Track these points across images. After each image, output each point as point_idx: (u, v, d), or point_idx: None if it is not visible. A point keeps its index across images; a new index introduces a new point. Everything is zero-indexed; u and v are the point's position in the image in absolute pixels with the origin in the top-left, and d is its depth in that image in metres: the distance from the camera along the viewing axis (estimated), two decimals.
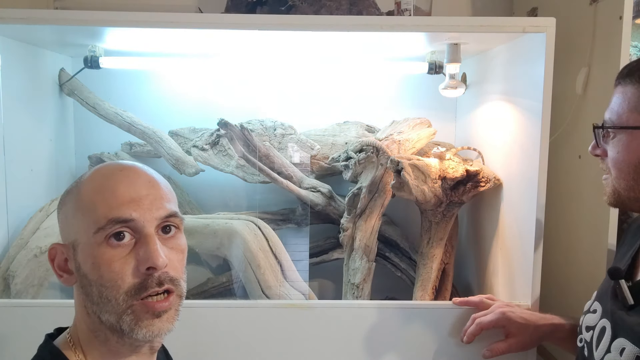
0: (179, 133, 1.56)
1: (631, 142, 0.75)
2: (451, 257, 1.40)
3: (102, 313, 0.63)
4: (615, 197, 0.79)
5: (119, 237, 0.63)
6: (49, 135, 1.48)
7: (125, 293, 0.62)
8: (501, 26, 1.14)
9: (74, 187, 0.67)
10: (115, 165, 0.69)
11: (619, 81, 0.78)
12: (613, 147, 0.77)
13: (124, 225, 0.63)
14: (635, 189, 0.76)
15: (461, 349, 1.13)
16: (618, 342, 0.77)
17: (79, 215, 0.64)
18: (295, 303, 1.18)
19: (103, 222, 0.62)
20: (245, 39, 1.26)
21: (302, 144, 1.49)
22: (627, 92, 0.75)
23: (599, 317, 0.84)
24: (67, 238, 0.66)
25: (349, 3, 1.34)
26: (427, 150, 1.48)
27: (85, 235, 0.63)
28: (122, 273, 0.62)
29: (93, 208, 0.63)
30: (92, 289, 0.63)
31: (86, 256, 0.63)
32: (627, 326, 0.76)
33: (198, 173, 1.46)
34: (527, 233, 1.16)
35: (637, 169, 0.74)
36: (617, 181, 0.78)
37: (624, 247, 0.91)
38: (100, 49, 1.40)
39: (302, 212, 1.49)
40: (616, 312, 0.80)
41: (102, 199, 0.63)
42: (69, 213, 0.66)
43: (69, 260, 0.66)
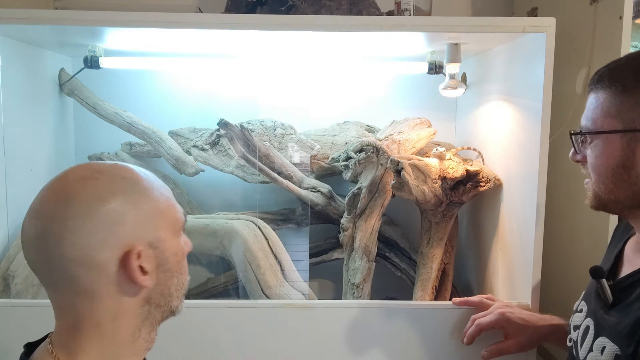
0: (179, 133, 1.56)
1: (607, 146, 0.76)
2: (451, 257, 1.40)
3: (173, 301, 0.69)
4: (596, 201, 0.81)
5: None
6: (49, 135, 1.48)
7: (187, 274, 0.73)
8: (501, 26, 1.14)
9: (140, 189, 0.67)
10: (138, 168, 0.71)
11: (591, 87, 0.79)
12: (591, 152, 0.79)
13: None
14: (615, 192, 0.77)
15: (461, 349, 1.13)
16: (599, 341, 0.78)
17: (163, 214, 0.68)
18: (295, 303, 1.18)
19: (183, 218, 0.71)
20: (245, 39, 1.26)
21: (302, 144, 1.49)
22: (599, 98, 0.77)
23: (584, 317, 0.85)
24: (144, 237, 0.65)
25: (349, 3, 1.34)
26: (427, 150, 1.48)
27: (170, 231, 0.68)
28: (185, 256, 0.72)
29: (173, 206, 0.70)
30: (172, 281, 0.69)
31: (175, 249, 0.69)
32: (608, 325, 0.78)
33: (198, 173, 1.46)
34: (527, 233, 1.16)
35: (615, 173, 0.76)
36: (597, 185, 0.79)
37: (610, 248, 0.92)
38: (100, 49, 1.40)
39: (302, 212, 1.49)
40: (598, 311, 0.82)
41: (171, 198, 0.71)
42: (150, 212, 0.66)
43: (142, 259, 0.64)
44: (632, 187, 0.75)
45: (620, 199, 0.77)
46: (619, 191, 0.77)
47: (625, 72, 0.75)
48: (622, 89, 0.74)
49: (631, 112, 0.73)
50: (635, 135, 0.73)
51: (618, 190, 0.77)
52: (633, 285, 0.77)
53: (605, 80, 0.76)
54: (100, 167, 0.67)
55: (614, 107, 0.75)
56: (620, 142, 0.75)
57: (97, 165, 0.67)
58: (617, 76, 0.76)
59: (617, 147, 0.75)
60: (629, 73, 0.75)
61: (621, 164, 0.75)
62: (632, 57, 0.77)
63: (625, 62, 0.77)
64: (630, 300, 0.76)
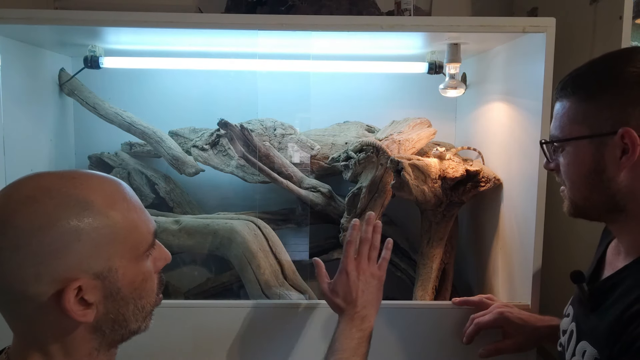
0: (179, 133, 1.56)
1: (578, 153, 0.77)
2: (451, 257, 1.40)
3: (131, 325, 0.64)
4: (574, 208, 0.81)
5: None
6: (49, 135, 1.48)
7: (156, 294, 0.67)
8: (501, 26, 1.14)
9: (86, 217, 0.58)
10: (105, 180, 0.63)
11: (557, 96, 0.80)
12: (563, 160, 0.79)
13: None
14: (591, 199, 0.78)
15: (461, 349, 1.13)
16: (581, 345, 0.78)
17: (118, 239, 0.60)
18: (295, 303, 1.18)
19: (150, 238, 0.64)
20: (245, 39, 1.26)
21: (302, 144, 1.49)
22: (564, 106, 0.78)
23: (570, 321, 0.86)
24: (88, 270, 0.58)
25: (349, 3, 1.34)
26: (427, 150, 1.48)
27: (127, 257, 0.61)
28: (154, 277, 0.66)
29: (135, 227, 0.62)
30: (127, 308, 0.62)
31: (134, 275, 0.62)
32: (588, 329, 0.78)
33: (198, 173, 1.46)
34: (527, 233, 1.16)
35: (589, 179, 0.76)
36: (572, 192, 0.80)
37: (596, 252, 0.93)
38: (100, 49, 1.40)
39: (302, 212, 1.49)
40: (580, 315, 0.82)
41: (137, 216, 0.63)
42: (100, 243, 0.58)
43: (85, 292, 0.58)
44: (605, 192, 0.75)
45: (596, 204, 0.78)
46: (594, 197, 0.77)
47: (587, 79, 0.76)
48: (586, 96, 0.75)
49: (597, 117, 0.74)
50: (602, 139, 0.73)
51: (593, 196, 0.77)
52: (612, 288, 0.77)
53: (569, 88, 0.77)
54: (49, 186, 0.58)
55: (580, 113, 0.76)
56: (590, 147, 0.75)
57: (49, 181, 0.59)
58: (579, 83, 0.76)
59: (587, 153, 0.75)
60: (591, 79, 0.75)
61: (593, 169, 0.75)
62: (593, 63, 0.77)
63: (587, 68, 0.77)
64: (609, 304, 0.75)
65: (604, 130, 0.73)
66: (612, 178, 0.74)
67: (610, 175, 0.74)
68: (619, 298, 0.74)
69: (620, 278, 0.76)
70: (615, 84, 0.73)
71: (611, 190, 0.75)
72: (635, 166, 0.72)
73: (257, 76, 1.59)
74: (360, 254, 0.99)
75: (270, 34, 1.17)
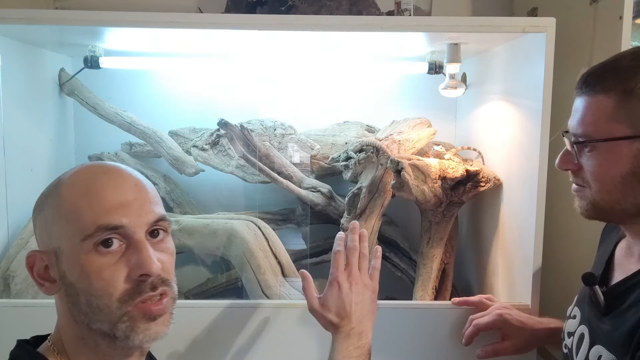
0: (179, 133, 1.56)
1: (613, 153, 0.72)
2: (451, 257, 1.40)
3: (93, 322, 0.61)
4: (594, 210, 0.77)
5: (107, 244, 0.60)
6: (49, 135, 1.48)
7: (118, 300, 0.60)
8: (501, 26, 1.14)
9: (53, 190, 0.64)
10: (97, 167, 0.66)
11: (585, 90, 0.74)
12: (592, 160, 0.74)
13: (114, 232, 0.60)
14: (622, 202, 0.73)
15: (461, 349, 1.13)
16: (595, 349, 0.76)
17: (61, 221, 0.61)
18: (295, 303, 1.18)
19: (91, 230, 0.60)
20: (245, 39, 1.26)
21: (302, 144, 1.49)
22: (600, 103, 0.72)
23: (578, 323, 0.84)
24: (48, 245, 0.63)
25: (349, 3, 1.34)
26: (427, 150, 1.48)
27: (69, 243, 0.60)
28: (114, 280, 0.60)
29: (78, 214, 0.60)
30: (79, 298, 0.61)
31: (72, 264, 0.60)
32: (603, 333, 0.76)
33: (198, 173, 1.46)
34: (527, 233, 1.16)
35: (624, 181, 0.72)
36: (598, 194, 0.75)
37: (600, 253, 0.90)
38: (100, 49, 1.40)
39: (302, 212, 1.49)
40: (592, 318, 0.79)
41: (87, 204, 0.60)
42: (49, 218, 0.62)
43: (50, 267, 0.63)
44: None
45: (626, 207, 0.73)
46: (626, 200, 0.73)
47: (630, 73, 0.70)
48: (630, 92, 0.69)
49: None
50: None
51: (626, 199, 0.73)
52: (626, 291, 0.75)
53: (607, 82, 0.71)
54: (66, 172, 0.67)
55: (621, 111, 0.70)
56: (630, 148, 0.70)
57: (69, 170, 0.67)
58: (621, 79, 0.71)
59: (626, 154, 0.70)
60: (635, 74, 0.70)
61: (631, 172, 0.71)
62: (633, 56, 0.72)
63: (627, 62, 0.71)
64: (624, 308, 0.74)
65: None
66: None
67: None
68: (635, 302, 0.72)
69: (635, 281, 0.74)
70: None
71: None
72: None
73: (258, 76, 1.59)
74: (350, 263, 0.91)
75: (270, 34, 1.17)
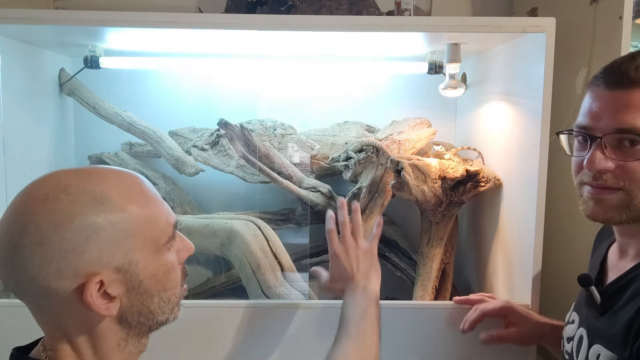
0: (179, 133, 1.56)
1: None
2: (451, 257, 1.40)
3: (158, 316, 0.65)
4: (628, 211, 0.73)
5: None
6: (49, 135, 1.48)
7: (179, 285, 0.67)
8: (501, 26, 1.14)
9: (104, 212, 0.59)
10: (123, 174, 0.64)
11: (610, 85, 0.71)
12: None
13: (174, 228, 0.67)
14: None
15: (461, 349, 1.13)
16: (594, 349, 0.76)
17: (137, 233, 0.61)
18: (295, 303, 1.18)
19: (170, 230, 0.65)
20: (245, 39, 1.26)
21: (302, 144, 1.49)
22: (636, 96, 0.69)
23: (577, 327, 0.84)
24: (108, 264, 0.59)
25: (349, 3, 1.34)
26: (427, 150, 1.48)
27: (145, 251, 0.62)
28: (176, 268, 0.67)
29: (155, 219, 0.63)
30: (152, 300, 0.63)
31: (154, 269, 0.63)
32: (601, 332, 0.76)
33: (198, 173, 1.46)
34: (527, 233, 1.16)
35: None
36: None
37: (595, 256, 0.92)
38: (100, 49, 1.40)
39: (302, 212, 1.49)
40: (590, 319, 0.80)
41: (155, 209, 0.64)
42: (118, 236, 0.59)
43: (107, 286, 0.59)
44: None
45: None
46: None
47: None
48: None
49: None
50: None
51: None
52: (620, 290, 0.76)
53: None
54: (67, 183, 0.59)
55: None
56: None
57: (66, 178, 0.60)
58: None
59: None
60: None
61: None
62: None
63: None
64: (619, 305, 0.75)
65: None
66: None
67: None
68: (631, 298, 0.72)
69: (629, 279, 0.75)
70: None
71: None
72: None
73: (257, 76, 1.59)
74: (344, 235, 0.97)
75: (270, 34, 1.17)
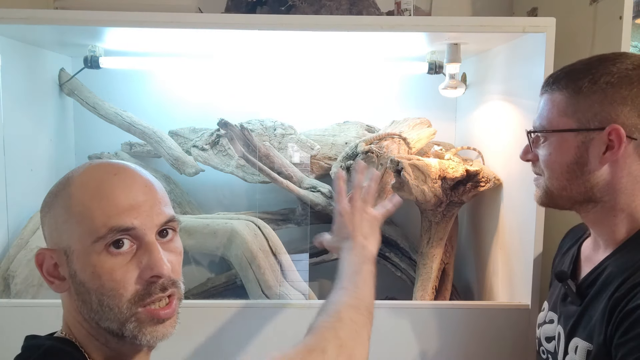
0: (179, 133, 1.56)
1: (562, 144, 0.80)
2: (451, 257, 1.40)
3: (102, 321, 0.62)
4: (547, 197, 0.85)
5: (118, 245, 0.61)
6: (49, 135, 1.48)
7: (128, 301, 0.61)
8: (501, 26, 1.14)
9: (62, 190, 0.64)
10: (108, 166, 0.66)
11: (546, 89, 0.83)
12: (544, 149, 0.83)
13: (125, 233, 0.61)
14: (568, 189, 0.81)
15: (460, 349, 1.14)
16: (573, 342, 0.80)
17: (72, 222, 0.62)
18: (295, 303, 1.18)
19: (103, 231, 0.60)
20: (245, 39, 1.26)
21: (302, 144, 1.49)
22: (554, 99, 0.81)
23: (556, 325, 0.88)
24: (58, 243, 0.63)
25: (349, 3, 1.34)
26: (427, 150, 1.48)
27: (80, 243, 0.61)
28: (125, 281, 0.61)
29: (89, 215, 0.61)
30: (90, 297, 0.62)
31: (84, 265, 0.61)
32: (577, 325, 0.80)
33: (198, 173, 1.46)
34: (527, 233, 1.16)
35: (569, 169, 0.80)
36: (550, 181, 0.83)
37: (564, 252, 0.96)
38: (100, 49, 1.40)
39: (302, 212, 1.49)
40: (567, 314, 0.84)
41: (98, 206, 0.61)
42: (59, 218, 0.63)
43: (59, 265, 0.64)
44: (584, 184, 0.79)
45: (572, 194, 0.81)
46: (572, 187, 0.81)
47: (581, 75, 0.79)
48: (578, 90, 0.78)
49: (586, 112, 0.77)
50: (589, 134, 0.77)
51: (571, 186, 0.81)
52: (594, 281, 0.80)
53: (562, 81, 0.80)
54: (74, 169, 0.67)
55: (570, 107, 0.79)
56: (575, 140, 0.79)
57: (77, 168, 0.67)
58: (573, 78, 0.79)
59: (571, 145, 0.79)
60: (586, 76, 0.78)
61: (575, 161, 0.79)
62: (589, 61, 0.80)
63: (582, 65, 0.80)
64: (593, 295, 0.79)
65: (591, 125, 0.77)
66: (592, 171, 0.78)
67: (591, 168, 0.78)
68: (603, 288, 0.77)
69: (601, 270, 0.80)
70: (609, 82, 0.76)
71: (590, 182, 0.79)
72: (616, 162, 0.77)
73: (257, 76, 1.59)
74: (354, 197, 0.94)
75: (270, 34, 1.17)
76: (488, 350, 1.17)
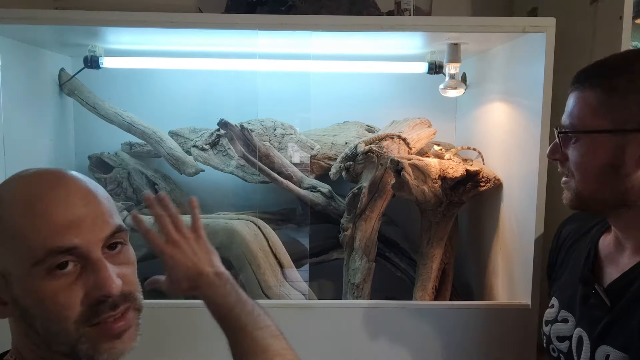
0: (179, 133, 1.56)
1: (594, 145, 0.76)
2: (451, 257, 1.40)
3: (53, 344, 0.57)
4: (577, 200, 0.80)
5: (61, 267, 0.55)
6: (49, 135, 1.48)
7: (74, 322, 0.56)
8: (501, 26, 1.14)
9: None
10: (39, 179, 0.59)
11: (576, 86, 0.78)
12: (575, 151, 0.78)
13: (66, 254, 0.55)
14: (601, 192, 0.77)
15: (460, 349, 1.13)
16: (601, 349, 0.76)
17: (6, 245, 0.55)
18: (295, 303, 1.18)
19: (41, 254, 0.54)
20: (245, 39, 1.26)
21: (302, 144, 1.49)
22: (587, 98, 0.76)
23: (573, 327, 0.83)
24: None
25: (349, 3, 1.34)
26: (427, 150, 1.48)
27: (18, 268, 0.55)
28: (69, 304, 0.55)
29: (24, 237, 0.54)
30: (35, 322, 0.56)
31: (24, 291, 0.55)
32: (607, 331, 0.76)
33: (198, 173, 1.46)
34: (527, 233, 1.16)
35: (603, 172, 0.75)
36: (580, 184, 0.78)
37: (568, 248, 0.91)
38: (100, 49, 1.40)
39: (302, 212, 1.49)
40: (591, 319, 0.80)
41: (32, 226, 0.54)
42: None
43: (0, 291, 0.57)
44: (619, 187, 0.75)
45: (605, 197, 0.77)
46: (604, 190, 0.76)
47: (618, 72, 0.74)
48: (614, 90, 0.73)
49: (623, 114, 0.73)
50: (625, 135, 0.73)
51: (604, 190, 0.76)
52: (626, 287, 0.76)
53: (595, 78, 0.76)
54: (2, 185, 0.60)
55: (604, 106, 0.74)
56: (610, 141, 0.74)
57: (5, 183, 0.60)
58: (607, 76, 0.75)
59: (605, 146, 0.74)
60: (623, 73, 0.74)
61: (609, 163, 0.74)
62: (627, 57, 0.76)
63: (619, 62, 0.76)
64: (627, 303, 0.75)
65: (628, 126, 0.72)
66: (628, 174, 0.73)
67: (627, 171, 0.73)
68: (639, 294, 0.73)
69: (634, 276, 0.75)
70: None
71: (624, 186, 0.74)
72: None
73: (257, 76, 1.59)
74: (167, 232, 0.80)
75: (270, 34, 1.17)
76: (488, 350, 1.17)
